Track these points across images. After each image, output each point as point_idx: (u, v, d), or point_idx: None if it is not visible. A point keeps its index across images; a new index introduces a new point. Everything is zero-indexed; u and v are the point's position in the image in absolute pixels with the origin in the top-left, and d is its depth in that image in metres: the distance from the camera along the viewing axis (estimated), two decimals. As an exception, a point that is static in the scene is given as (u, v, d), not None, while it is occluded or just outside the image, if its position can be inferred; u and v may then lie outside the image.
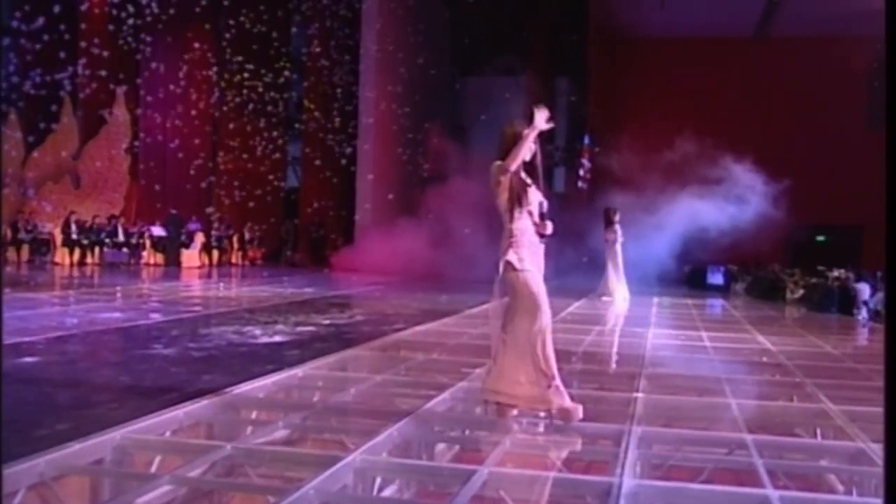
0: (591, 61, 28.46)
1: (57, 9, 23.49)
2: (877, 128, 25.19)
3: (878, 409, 5.91)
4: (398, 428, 4.72)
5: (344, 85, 26.07)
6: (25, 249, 21.74)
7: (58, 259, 21.05)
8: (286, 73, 27.29)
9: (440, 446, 4.92)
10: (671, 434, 5.03)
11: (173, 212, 22.88)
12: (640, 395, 5.94)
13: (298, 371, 6.39)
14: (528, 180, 5.11)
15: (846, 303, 14.11)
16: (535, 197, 5.11)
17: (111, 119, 25.27)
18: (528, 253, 4.99)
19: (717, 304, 16.10)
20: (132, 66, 25.76)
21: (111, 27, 24.85)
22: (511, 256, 4.96)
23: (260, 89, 26.39)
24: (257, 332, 8.90)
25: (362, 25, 25.08)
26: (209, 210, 25.27)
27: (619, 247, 14.99)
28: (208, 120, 26.35)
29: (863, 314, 14.03)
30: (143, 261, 22.25)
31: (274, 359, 7.05)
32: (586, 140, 29.59)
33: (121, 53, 25.23)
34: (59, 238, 21.31)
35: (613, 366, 7.65)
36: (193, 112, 25.81)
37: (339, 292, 15.15)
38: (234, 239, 24.65)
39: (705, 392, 6.56)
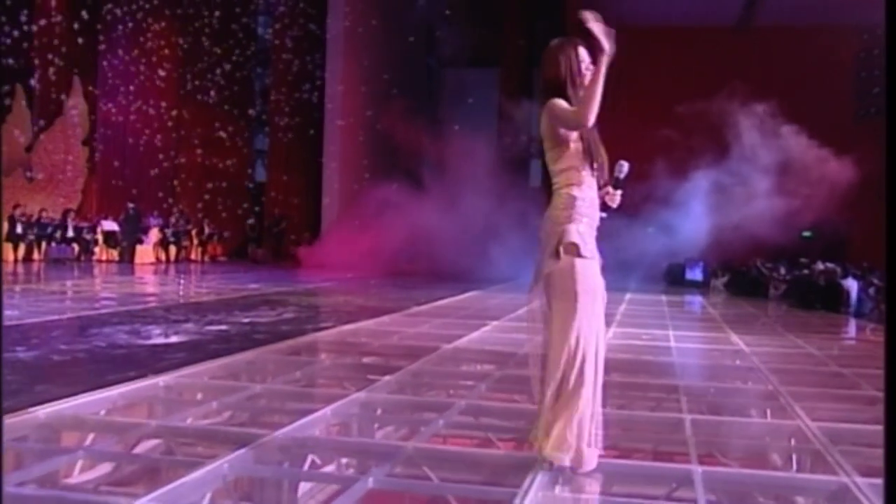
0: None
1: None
2: (864, 119, 24.14)
3: (866, 427, 4.72)
4: (233, 459, 3.53)
5: (311, 77, 24.82)
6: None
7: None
8: (251, 64, 26.17)
9: (280, 485, 3.71)
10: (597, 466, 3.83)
11: (131, 206, 21.62)
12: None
13: (161, 380, 5.18)
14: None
15: (832, 299, 12.94)
16: (604, 152, 3.58)
17: (67, 109, 23.98)
18: (589, 234, 3.45)
19: (693, 300, 14.91)
20: (91, 54, 24.41)
21: (68, 12, 23.62)
22: (575, 236, 3.37)
23: (224, 80, 25.20)
24: (156, 331, 7.69)
25: (328, 16, 23.93)
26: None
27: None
28: (170, 111, 25.03)
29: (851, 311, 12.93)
30: (95, 257, 20.97)
31: (148, 364, 5.85)
32: (564, 131, 28.47)
33: (78, 40, 23.91)
34: (3, 232, 19.99)
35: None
36: (155, 102, 24.53)
37: (285, 288, 13.93)
38: (194, 234, 23.34)
39: (658, 404, 5.40)
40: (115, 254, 20.96)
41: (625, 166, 3.59)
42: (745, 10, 26.76)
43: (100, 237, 21.18)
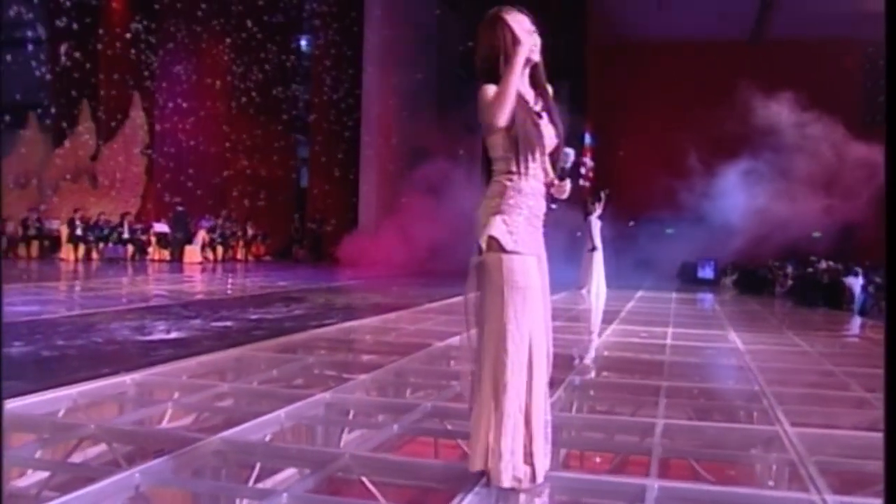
0: (589, 64, 26.68)
1: (79, 16, 22.83)
2: (871, 126, 23.43)
3: (848, 433, 4.01)
4: (149, 468, 2.99)
5: (348, 89, 24.32)
6: (35, 246, 20.34)
7: (63, 255, 19.57)
8: (295, 78, 25.87)
9: (190, 498, 3.15)
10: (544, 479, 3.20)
11: (179, 209, 21.33)
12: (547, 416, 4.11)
13: (130, 377, 4.66)
14: (538, 107, 2.96)
15: (834, 296, 12.09)
16: (550, 136, 2.95)
17: (128, 122, 23.87)
18: (525, 227, 2.87)
19: (701, 298, 14.07)
20: (149, 71, 24.29)
21: (129, 33, 23.66)
22: (498, 229, 2.83)
23: (271, 93, 24.86)
24: (161, 327, 7.19)
25: (364, 33, 23.49)
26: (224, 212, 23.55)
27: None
28: (222, 122, 24.72)
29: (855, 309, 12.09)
30: (148, 257, 20.71)
31: (132, 360, 5.35)
32: (587, 139, 27.87)
33: (138, 58, 23.90)
34: (65, 235, 19.83)
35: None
36: (207, 114, 24.26)
37: (311, 286, 13.41)
38: (240, 235, 22.95)
39: (638, 407, 4.77)
40: (166, 254, 20.67)
41: (570, 155, 2.99)
42: (758, 24, 25.87)
43: (153, 238, 20.93)
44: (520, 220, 2.87)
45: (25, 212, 20.91)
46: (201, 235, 20.97)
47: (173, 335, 6.75)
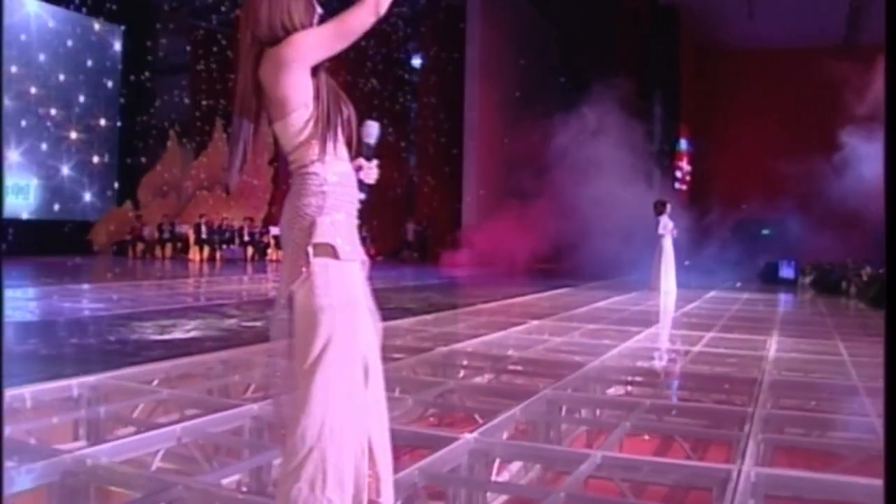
0: (683, 72, 25.13)
1: (213, 44, 23.47)
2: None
3: (817, 476, 2.97)
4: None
5: (452, 102, 23.72)
6: (168, 248, 20.77)
7: (191, 256, 19.85)
8: (406, 92, 25.59)
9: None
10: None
11: (287, 214, 21.31)
12: (471, 435, 3.28)
13: (76, 381, 4.12)
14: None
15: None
16: (351, 112, 2.20)
17: (256, 136, 24.16)
18: (348, 226, 2.13)
19: (772, 299, 12.53)
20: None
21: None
22: (325, 233, 2.05)
23: (384, 107, 24.63)
24: (187, 326, 6.73)
25: (466, 47, 22.85)
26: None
27: (665, 240, 11.99)
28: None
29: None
30: (267, 257, 20.79)
31: (120, 358, 4.84)
32: (683, 145, 26.28)
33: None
34: (192, 238, 20.13)
35: (528, 379, 4.93)
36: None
37: (387, 285, 12.85)
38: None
39: (596, 429, 3.86)
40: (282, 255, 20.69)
41: (373, 128, 2.18)
42: (848, 31, 23.62)
43: (272, 240, 20.99)
44: (342, 220, 2.11)
45: (161, 217, 21.40)
46: (312, 237, 20.88)
47: (191, 335, 6.26)
